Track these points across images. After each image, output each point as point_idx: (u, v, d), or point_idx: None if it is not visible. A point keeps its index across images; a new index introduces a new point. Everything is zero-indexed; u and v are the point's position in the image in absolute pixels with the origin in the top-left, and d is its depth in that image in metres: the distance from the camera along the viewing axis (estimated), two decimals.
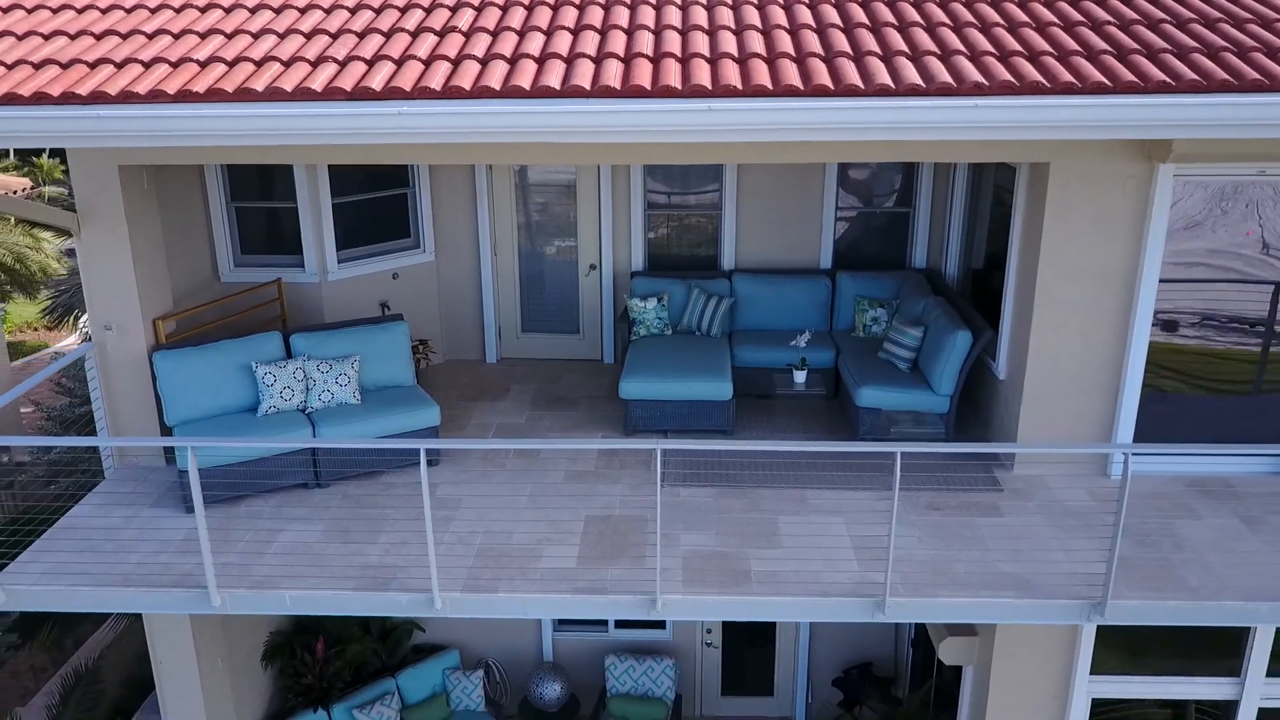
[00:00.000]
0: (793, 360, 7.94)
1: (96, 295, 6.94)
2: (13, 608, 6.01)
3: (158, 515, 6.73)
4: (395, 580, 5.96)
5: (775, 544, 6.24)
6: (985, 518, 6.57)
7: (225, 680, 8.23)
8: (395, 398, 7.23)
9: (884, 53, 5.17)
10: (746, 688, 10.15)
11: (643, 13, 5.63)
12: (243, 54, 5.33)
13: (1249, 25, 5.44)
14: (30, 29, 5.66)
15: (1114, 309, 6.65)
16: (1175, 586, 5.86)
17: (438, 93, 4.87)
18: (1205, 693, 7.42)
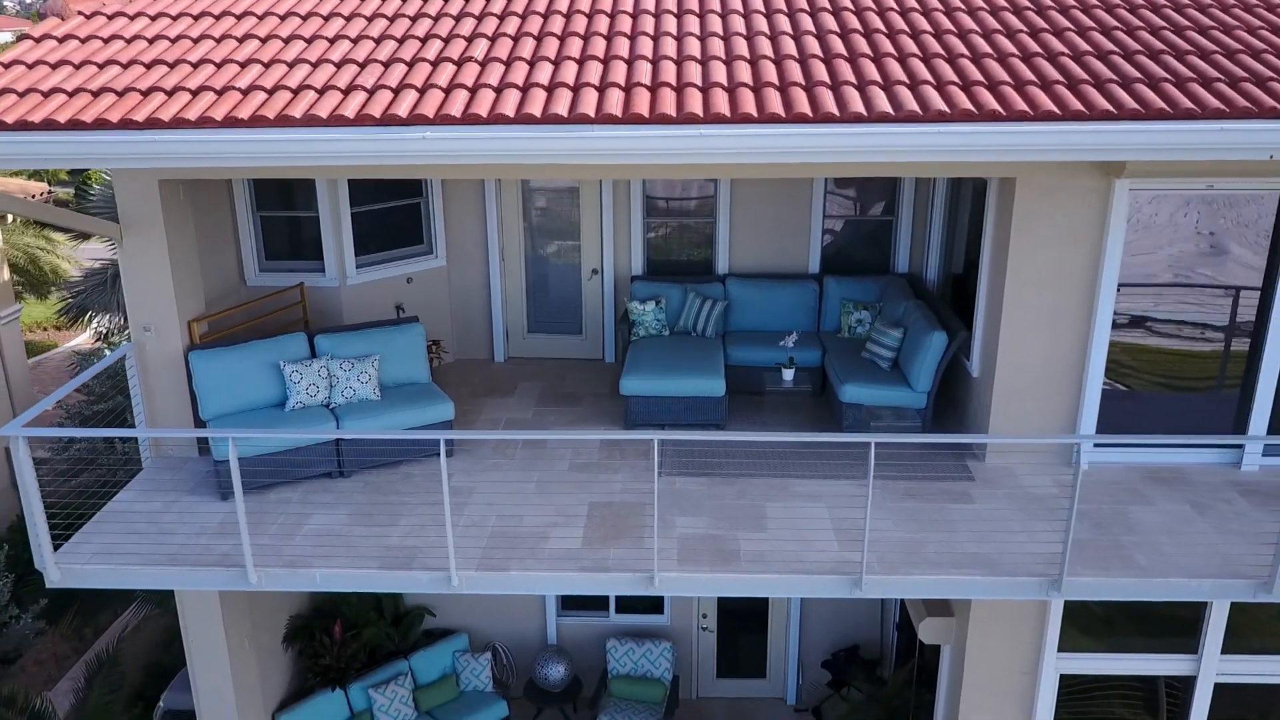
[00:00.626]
0: (781, 359, 8.55)
1: (137, 299, 7.54)
2: (68, 584, 6.60)
3: (195, 502, 7.33)
4: (416, 560, 6.56)
5: (762, 527, 6.85)
6: (957, 504, 7.18)
7: (251, 660, 8.83)
8: (412, 394, 7.84)
9: (859, 82, 5.78)
10: (740, 670, 10.76)
11: (641, 44, 6.24)
12: (280, 82, 5.94)
13: (1189, 57, 6.05)
14: (85, 58, 6.27)
15: (1076, 312, 7.24)
16: (1126, 565, 6.47)
17: (458, 119, 5.48)
18: (1165, 669, 8.02)
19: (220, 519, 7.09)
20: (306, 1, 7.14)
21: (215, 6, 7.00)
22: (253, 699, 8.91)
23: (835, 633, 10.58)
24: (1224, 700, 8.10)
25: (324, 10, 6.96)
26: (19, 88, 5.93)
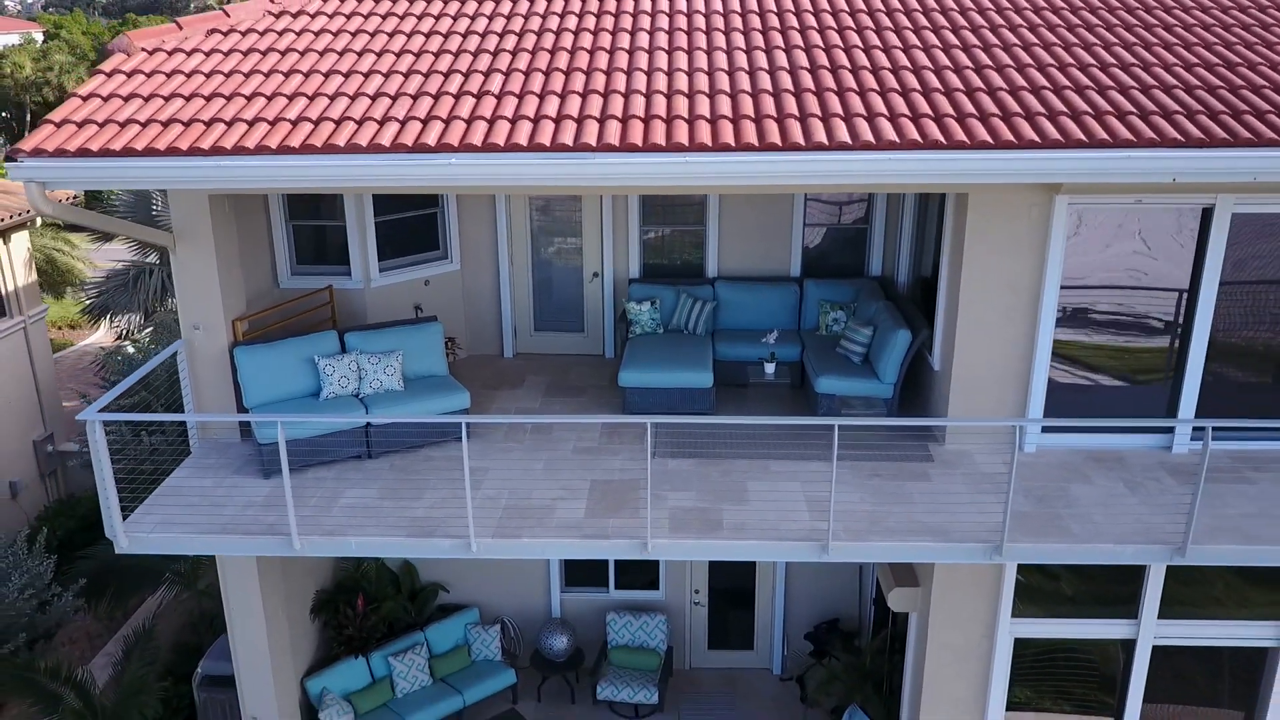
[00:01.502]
0: (764, 355, 9.54)
1: (187, 300, 8.53)
2: (135, 550, 7.59)
3: (241, 480, 8.32)
4: (439, 529, 7.55)
5: (744, 501, 7.84)
6: (916, 482, 8.17)
7: (284, 628, 9.82)
8: (432, 385, 8.84)
9: (823, 114, 6.76)
10: (730, 642, 11.75)
11: (636, 79, 7.22)
12: (324, 114, 6.93)
13: (1110, 92, 7.03)
14: (153, 91, 7.25)
15: (1024, 313, 8.22)
16: (1061, 533, 7.46)
17: (479, 148, 6.47)
18: (1107, 632, 9.02)
19: (265, 494, 8.08)
20: (341, 38, 8.12)
21: (261, 43, 7.98)
22: (284, 664, 9.89)
23: (817, 607, 11.56)
24: (1165, 660, 9.11)
25: (357, 46, 7.94)
26: (98, 118, 6.92)
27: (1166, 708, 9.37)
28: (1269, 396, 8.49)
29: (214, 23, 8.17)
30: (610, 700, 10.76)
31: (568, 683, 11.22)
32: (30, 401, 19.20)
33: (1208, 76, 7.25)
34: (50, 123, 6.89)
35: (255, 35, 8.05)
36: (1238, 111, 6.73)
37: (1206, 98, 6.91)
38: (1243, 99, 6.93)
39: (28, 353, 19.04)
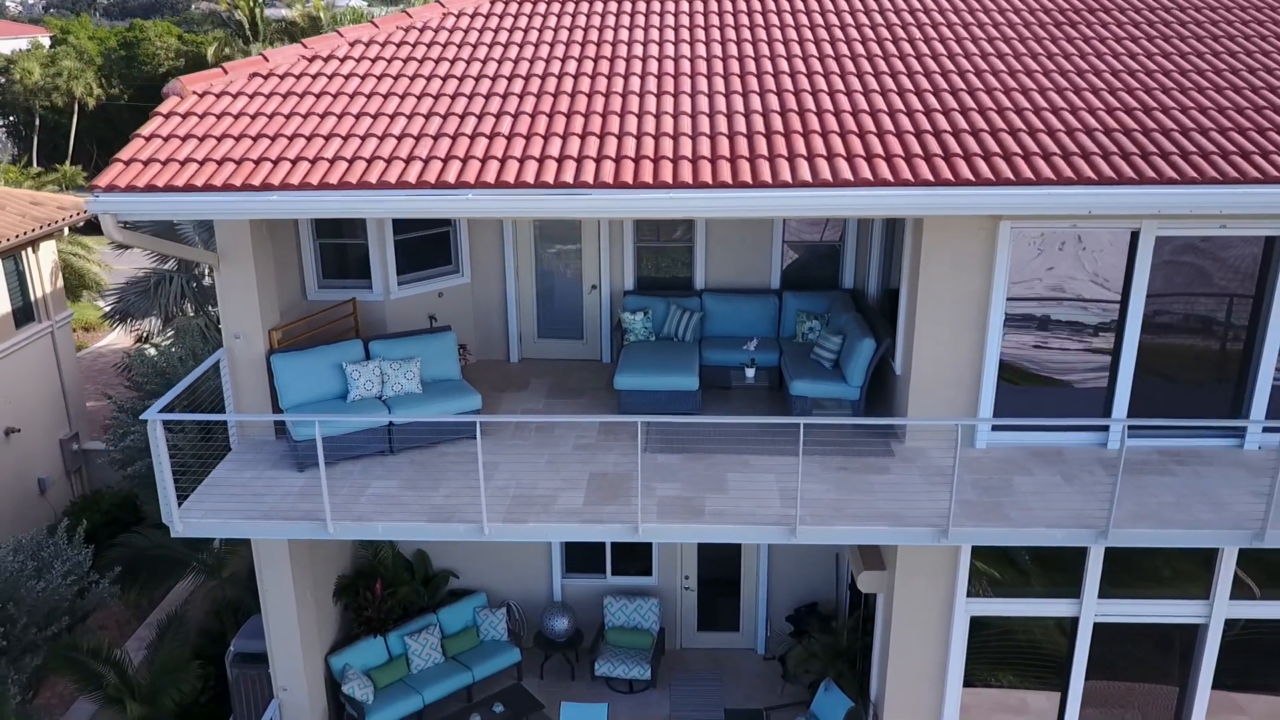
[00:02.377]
0: (745, 360, 10.66)
1: (229, 312, 9.64)
2: (190, 534, 8.72)
3: (277, 474, 9.44)
4: (455, 516, 8.66)
5: (724, 491, 8.95)
6: (877, 475, 9.28)
7: (310, 610, 10.93)
8: (448, 388, 9.96)
9: (789, 154, 7.88)
10: (717, 624, 12.85)
11: (628, 122, 8.33)
12: (357, 153, 8.04)
13: (1039, 135, 8.15)
14: (206, 132, 8.36)
15: (974, 324, 9.32)
16: (1000, 519, 8.57)
17: (492, 184, 7.58)
18: (1052, 610, 10.12)
19: (300, 486, 9.20)
20: (368, 82, 9.23)
21: (297, 86, 9.09)
22: (311, 642, 11.00)
23: (797, 592, 12.67)
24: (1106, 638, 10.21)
25: (383, 89, 9.05)
26: (160, 157, 8.04)
27: (1108, 684, 10.48)
28: (1193, 397, 9.59)
29: (255, 67, 9.30)
30: (607, 676, 11.87)
31: (568, 660, 12.34)
32: (57, 402, 20.35)
33: (1125, 120, 8.36)
34: (120, 161, 8.02)
35: (292, 79, 9.17)
36: (1146, 153, 7.85)
37: (1122, 139, 8.03)
38: (1153, 141, 8.05)
39: (55, 356, 20.22)
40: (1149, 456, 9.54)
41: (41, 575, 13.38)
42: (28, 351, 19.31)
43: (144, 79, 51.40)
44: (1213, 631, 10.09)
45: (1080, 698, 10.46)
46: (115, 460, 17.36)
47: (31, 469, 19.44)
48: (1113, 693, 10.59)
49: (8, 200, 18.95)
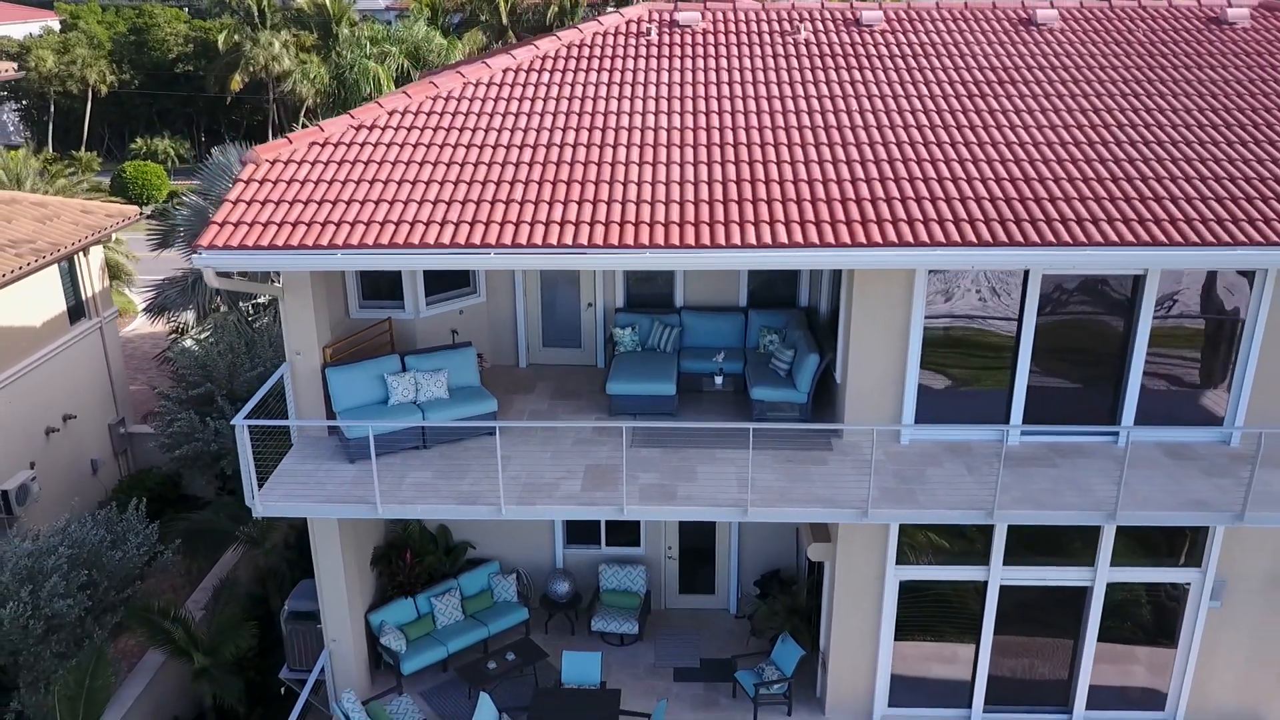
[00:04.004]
0: (714, 369, 13.04)
1: (292, 333, 11.98)
2: (269, 514, 11.14)
3: (332, 466, 11.84)
4: (478, 499, 11.08)
5: (693, 480, 11.37)
6: (817, 466, 11.69)
7: (355, 575, 13.36)
8: (470, 394, 12.35)
9: (739, 220, 10.22)
10: (696, 588, 15.32)
11: (616, 190, 10.67)
12: (401, 216, 10.37)
13: (939, 203, 10.47)
14: (280, 197, 10.70)
15: (898, 346, 11.65)
16: (911, 502, 10.99)
17: (509, 246, 9.93)
18: (966, 576, 12.55)
19: (351, 475, 11.61)
20: (405, 150, 11.53)
21: (349, 154, 11.38)
22: (355, 602, 13.45)
23: (763, 561, 15.12)
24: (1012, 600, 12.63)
25: (418, 158, 11.34)
26: (247, 220, 10.38)
27: (1014, 638, 12.92)
28: (1079, 400, 11.95)
29: (313, 136, 11.59)
30: (601, 631, 14.35)
31: (568, 618, 14.82)
32: (105, 390, 22.82)
33: (1009, 189, 10.69)
34: (215, 223, 10.35)
35: (344, 147, 11.47)
36: (1018, 219, 10.19)
37: (1003, 208, 10.37)
38: (1027, 209, 10.38)
39: (103, 348, 22.67)
40: (1037, 451, 11.95)
41: (117, 546, 15.83)
42: (80, 345, 21.72)
43: (153, 65, 53.42)
44: (1097, 593, 12.54)
45: (991, 649, 12.93)
46: (165, 444, 19.75)
47: (85, 451, 21.91)
48: (1019, 645, 13.05)
49: (62, 210, 21.26)
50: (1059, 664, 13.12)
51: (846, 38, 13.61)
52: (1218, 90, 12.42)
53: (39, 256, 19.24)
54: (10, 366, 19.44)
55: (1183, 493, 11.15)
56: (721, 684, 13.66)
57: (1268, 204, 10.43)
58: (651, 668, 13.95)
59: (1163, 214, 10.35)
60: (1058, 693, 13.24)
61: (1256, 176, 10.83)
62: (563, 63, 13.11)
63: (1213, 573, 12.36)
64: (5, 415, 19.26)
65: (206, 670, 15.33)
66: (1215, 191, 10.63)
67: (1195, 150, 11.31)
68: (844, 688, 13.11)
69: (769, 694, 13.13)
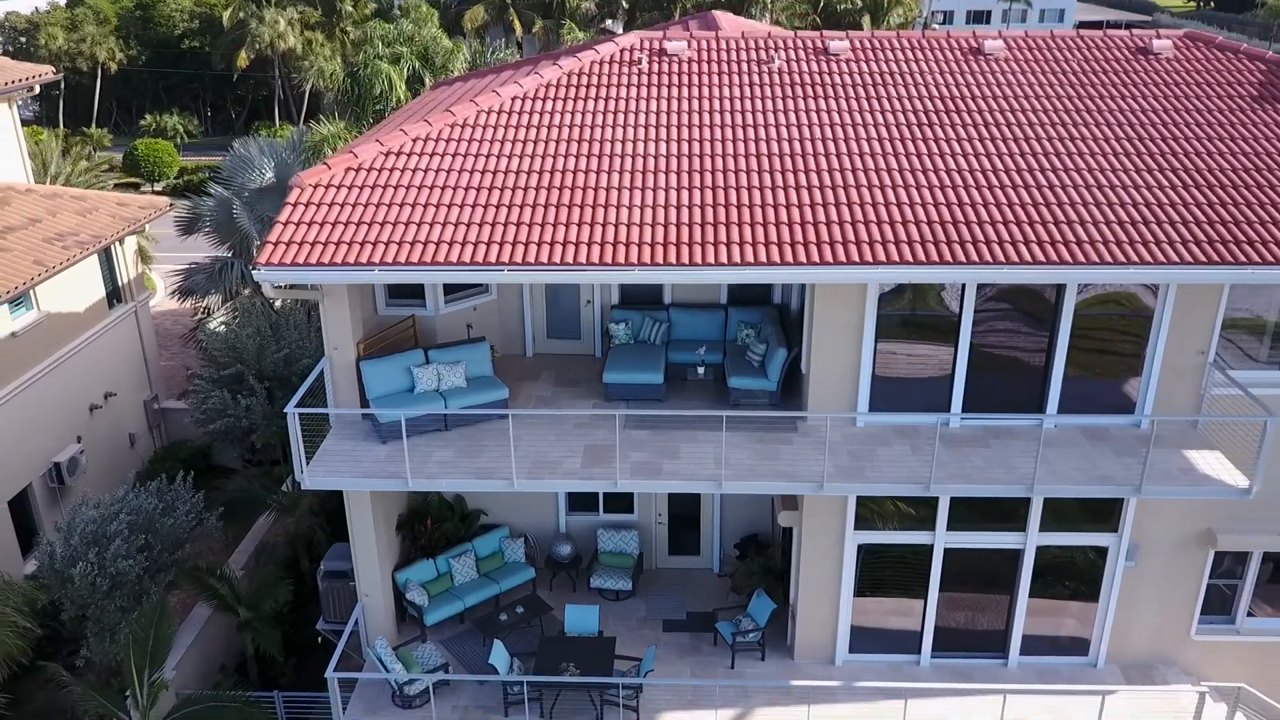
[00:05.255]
0: (697, 361, 15.11)
1: (330, 331, 13.99)
2: (314, 487, 13.25)
3: (366, 446, 13.93)
4: (494, 474, 13.19)
5: (677, 458, 13.47)
6: (784, 445, 13.78)
7: (384, 539, 15.49)
8: (484, 383, 14.42)
9: (714, 240, 12.23)
10: (683, 550, 17.49)
11: (610, 213, 12.65)
12: (427, 238, 12.38)
13: (884, 225, 12.47)
14: (323, 219, 12.68)
15: (854, 340, 13.68)
16: (859, 477, 13.09)
17: (520, 264, 11.95)
18: (915, 539, 14.68)
19: (384, 454, 13.70)
20: (428, 175, 13.50)
21: (379, 180, 13.33)
22: (384, 562, 15.59)
23: (742, 527, 17.26)
24: (955, 561, 14.77)
25: (440, 183, 13.31)
26: (297, 240, 12.39)
27: (958, 594, 15.08)
28: (1012, 388, 14.00)
29: (348, 162, 13.55)
30: (599, 588, 16.53)
31: (570, 577, 17.00)
32: (140, 368, 24.95)
33: (944, 213, 12.68)
34: (269, 243, 12.36)
35: (375, 173, 13.44)
36: (951, 241, 12.20)
37: (938, 230, 12.37)
38: (959, 232, 12.38)
39: (138, 329, 24.77)
40: (975, 433, 14.04)
41: (168, 513, 17.99)
42: (118, 328, 23.82)
43: (159, 41, 54.93)
44: (1028, 555, 14.68)
45: (937, 603, 15.10)
46: (200, 420, 21.85)
47: (124, 425, 24.08)
48: (962, 600, 15.22)
49: (100, 203, 23.23)
50: (997, 616, 15.29)
51: (815, 66, 15.51)
52: (1135, 120, 14.35)
53: (83, 248, 21.26)
54: (60, 348, 21.55)
55: (1094, 469, 13.24)
56: (704, 634, 15.86)
57: (1162, 228, 12.43)
58: (643, 620, 16.16)
59: (1075, 237, 12.36)
60: (996, 641, 15.42)
61: (1156, 202, 12.81)
62: (564, 90, 15.03)
63: (1127, 537, 14.49)
64: (57, 393, 21.40)
65: (249, 623, 17.58)
66: (1119, 216, 12.62)
67: (1109, 178, 13.27)
68: (810, 637, 15.31)
69: (745, 642, 15.32)
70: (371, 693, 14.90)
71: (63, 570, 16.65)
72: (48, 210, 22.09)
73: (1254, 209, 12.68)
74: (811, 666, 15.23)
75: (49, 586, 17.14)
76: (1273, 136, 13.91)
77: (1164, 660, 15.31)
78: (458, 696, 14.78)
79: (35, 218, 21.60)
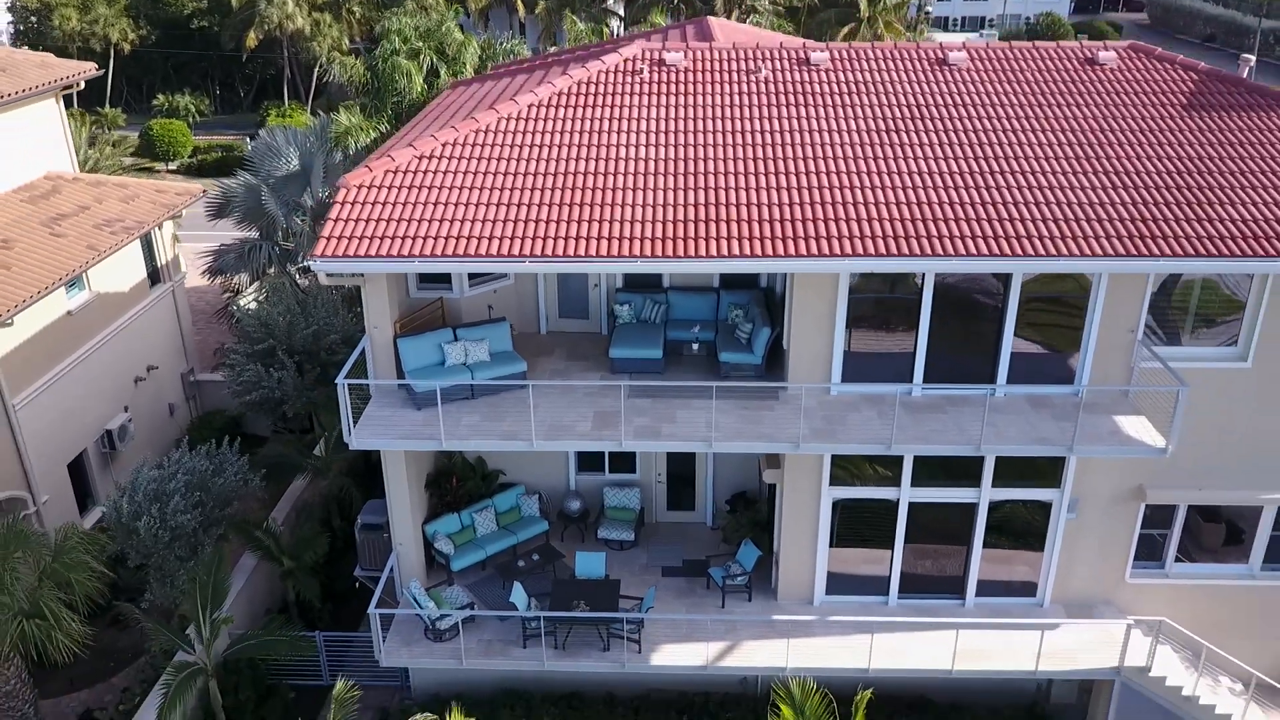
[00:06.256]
0: (691, 339, 17.31)
1: (370, 312, 16.17)
2: (361, 447, 15.48)
3: (403, 412, 16.16)
4: (515, 436, 15.43)
5: (674, 422, 15.70)
6: (767, 411, 16.01)
7: (416, 494, 17.76)
8: (505, 358, 16.64)
9: (703, 235, 14.40)
10: (680, 506, 19.79)
11: (615, 211, 14.80)
12: (459, 234, 14.54)
13: (854, 222, 14.64)
14: (368, 216, 14.84)
15: (828, 321, 15.84)
16: (831, 438, 15.33)
17: (538, 256, 14.13)
18: (883, 494, 16.95)
19: (420, 419, 15.92)
20: (457, 177, 15.63)
21: (415, 181, 15.45)
22: (416, 515, 17.86)
23: (733, 485, 19.54)
24: (918, 514, 17.03)
25: (468, 183, 15.45)
26: (346, 235, 14.55)
27: (921, 545, 17.36)
28: (969, 361, 16.19)
29: (386, 165, 15.67)
30: (605, 539, 18.83)
31: (580, 529, 19.29)
32: (177, 343, 27.15)
33: (905, 211, 14.83)
34: (323, 238, 14.51)
35: (410, 174, 15.58)
36: (909, 236, 14.37)
37: (899, 227, 14.54)
38: (917, 228, 14.54)
39: (175, 307, 26.90)
40: (935, 401, 16.27)
41: (218, 474, 20.23)
42: (158, 306, 25.99)
43: (168, 20, 56.63)
44: (982, 508, 16.95)
45: (903, 551, 17.39)
46: (236, 391, 24.03)
47: (164, 396, 26.31)
48: (926, 552, 17.50)
49: (140, 190, 25.32)
50: (955, 563, 17.58)
51: (798, 76, 17.60)
52: (1077, 126, 16.46)
53: (129, 233, 23.39)
54: (108, 325, 23.74)
55: (1034, 432, 15.48)
56: (698, 578, 18.19)
57: (1093, 225, 14.59)
58: (644, 566, 18.48)
59: (1018, 233, 14.52)
60: (955, 585, 17.73)
61: (1089, 202, 14.96)
62: (574, 99, 17.14)
63: (1069, 492, 16.75)
64: (106, 366, 23.62)
65: (291, 572, 19.87)
66: (1057, 214, 14.78)
67: (1050, 180, 15.41)
68: (791, 580, 17.61)
69: (734, 585, 17.63)
70: (406, 628, 17.25)
71: (129, 524, 18.89)
72: (94, 198, 24.19)
73: (1173, 208, 14.85)
74: (792, 606, 17.54)
75: (115, 538, 19.40)
76: (1195, 142, 16.04)
77: (1102, 601, 17.62)
78: (482, 631, 17.12)
79: (84, 205, 23.70)
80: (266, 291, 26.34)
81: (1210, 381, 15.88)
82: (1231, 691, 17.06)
